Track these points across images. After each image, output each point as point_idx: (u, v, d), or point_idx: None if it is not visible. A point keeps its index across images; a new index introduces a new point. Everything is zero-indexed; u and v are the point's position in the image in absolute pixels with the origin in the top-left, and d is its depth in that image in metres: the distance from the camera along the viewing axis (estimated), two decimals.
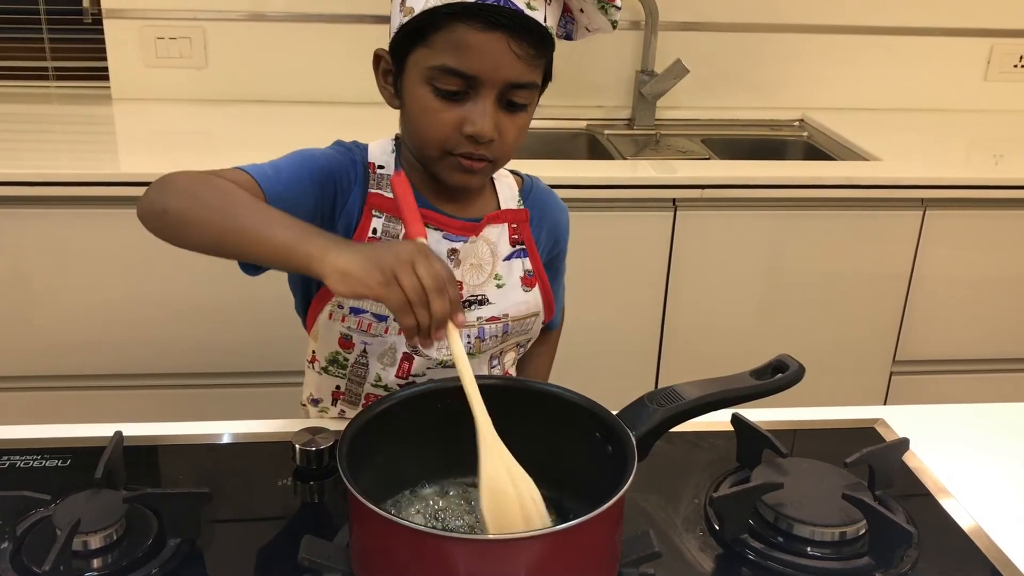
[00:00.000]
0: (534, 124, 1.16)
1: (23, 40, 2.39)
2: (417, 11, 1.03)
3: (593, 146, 2.42)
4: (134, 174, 1.85)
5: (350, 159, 1.15)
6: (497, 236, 1.19)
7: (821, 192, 2.01)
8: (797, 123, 2.54)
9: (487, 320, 1.19)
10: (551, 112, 2.40)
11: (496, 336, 1.20)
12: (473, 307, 1.17)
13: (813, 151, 2.42)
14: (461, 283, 1.16)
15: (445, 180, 1.12)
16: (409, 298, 0.86)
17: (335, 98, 2.35)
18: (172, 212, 1.00)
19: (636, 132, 2.45)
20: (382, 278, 0.86)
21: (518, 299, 1.21)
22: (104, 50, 2.32)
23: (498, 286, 1.19)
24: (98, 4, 2.30)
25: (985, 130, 2.51)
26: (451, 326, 0.89)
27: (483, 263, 1.18)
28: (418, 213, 0.97)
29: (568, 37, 1.15)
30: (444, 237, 1.15)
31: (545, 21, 1.05)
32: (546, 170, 1.42)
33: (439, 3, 1.02)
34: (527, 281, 1.21)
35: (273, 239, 0.93)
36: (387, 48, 1.11)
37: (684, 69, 2.33)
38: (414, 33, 1.05)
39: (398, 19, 1.07)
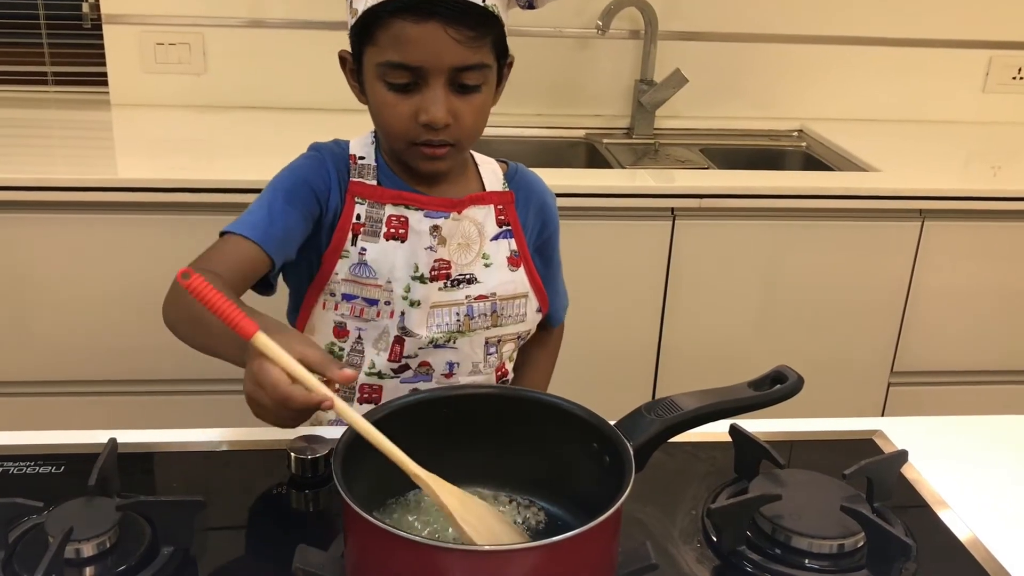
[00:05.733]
0: (532, 132, 1.17)
1: (22, 45, 2.39)
2: (360, 11, 1.08)
3: (592, 155, 2.42)
4: (132, 180, 1.85)
5: (319, 160, 1.20)
6: (484, 217, 1.22)
7: (820, 203, 2.01)
8: (796, 133, 2.54)
9: (475, 299, 1.21)
10: (550, 120, 2.40)
11: (485, 315, 1.22)
12: (461, 286, 1.21)
13: (812, 161, 2.43)
14: (450, 262, 1.19)
15: (415, 168, 1.17)
16: (278, 417, 0.89)
17: (333, 105, 2.33)
18: (171, 326, 1.10)
19: (635, 141, 2.45)
20: (256, 413, 0.91)
21: (505, 278, 1.23)
22: (103, 55, 2.32)
23: (486, 265, 1.22)
24: (97, 9, 2.30)
25: (983, 142, 2.51)
26: (337, 404, 0.85)
27: (471, 243, 1.21)
28: (235, 311, 0.84)
29: (531, 6, 1.18)
30: (425, 216, 1.18)
31: (484, 1, 1.07)
32: (544, 178, 1.41)
33: (375, 2, 1.06)
34: (512, 261, 1.24)
35: (231, 356, 0.99)
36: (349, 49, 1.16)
37: (683, 79, 2.33)
38: (362, 33, 1.10)
39: (348, 20, 1.12)
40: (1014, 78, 2.61)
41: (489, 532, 0.87)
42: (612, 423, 0.93)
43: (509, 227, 1.24)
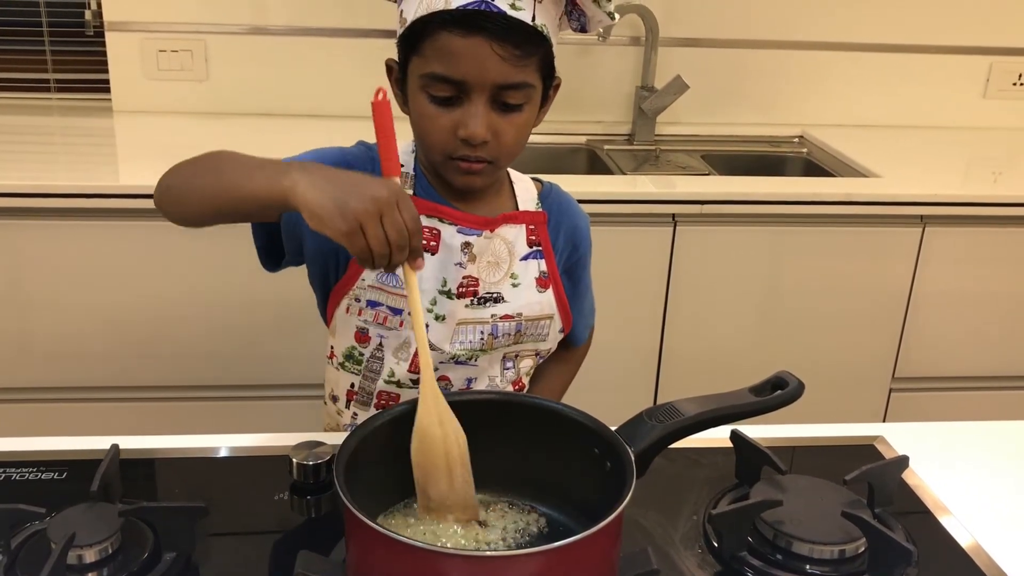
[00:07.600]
0: (534, 138, 1.17)
1: (25, 52, 2.39)
2: (409, 21, 1.07)
3: (593, 161, 2.43)
4: (134, 186, 1.85)
5: (368, 156, 1.19)
6: (515, 236, 1.21)
7: (820, 208, 2.01)
8: (797, 139, 2.54)
9: (501, 318, 1.20)
10: (551, 127, 2.39)
11: (509, 334, 1.21)
12: (488, 304, 1.19)
13: (812, 167, 2.43)
14: (478, 280, 1.18)
15: (451, 182, 1.15)
16: (371, 248, 0.88)
17: (335, 112, 2.35)
18: (173, 187, 1.08)
19: (636, 147, 2.45)
20: (346, 227, 0.88)
21: (532, 299, 1.22)
22: (105, 62, 2.33)
23: (513, 285, 1.21)
24: (100, 16, 2.31)
25: (984, 147, 2.52)
26: (407, 267, 0.93)
27: (500, 261, 1.20)
28: (395, 149, 0.96)
29: (583, 30, 1.18)
30: (459, 231, 1.17)
31: (534, 20, 1.06)
32: None
33: (424, 12, 1.05)
34: (541, 282, 1.23)
35: (254, 184, 0.97)
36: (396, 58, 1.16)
37: (684, 85, 2.33)
38: (408, 43, 1.09)
39: (398, 30, 1.11)
40: (1014, 84, 2.62)
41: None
42: (613, 429, 0.93)
43: (540, 248, 1.23)
